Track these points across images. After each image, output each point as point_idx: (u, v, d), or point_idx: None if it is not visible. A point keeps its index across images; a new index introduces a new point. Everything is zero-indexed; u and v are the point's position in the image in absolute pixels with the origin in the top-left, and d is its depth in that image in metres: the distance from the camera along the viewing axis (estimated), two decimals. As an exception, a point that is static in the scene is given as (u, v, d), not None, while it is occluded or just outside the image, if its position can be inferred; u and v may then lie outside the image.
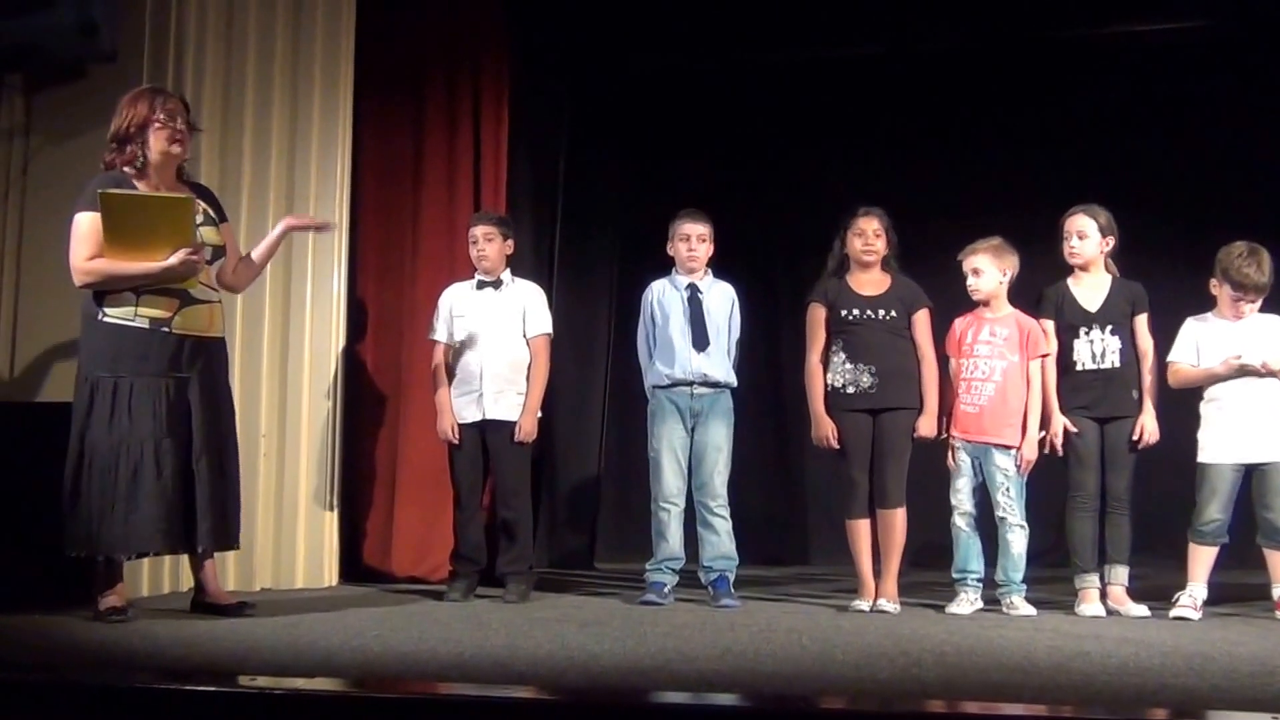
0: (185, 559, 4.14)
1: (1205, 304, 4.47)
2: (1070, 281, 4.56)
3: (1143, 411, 4.42)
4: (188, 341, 3.88)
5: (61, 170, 4.05)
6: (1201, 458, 4.33)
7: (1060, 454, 4.41)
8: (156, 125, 3.88)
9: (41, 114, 4.77)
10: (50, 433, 3.88)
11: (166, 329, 3.83)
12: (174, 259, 3.76)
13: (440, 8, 5.53)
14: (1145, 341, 4.48)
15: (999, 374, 4.43)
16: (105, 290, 3.81)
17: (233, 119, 4.97)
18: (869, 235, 4.52)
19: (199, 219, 3.94)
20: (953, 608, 4.36)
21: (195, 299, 3.90)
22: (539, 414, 4.76)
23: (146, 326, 3.81)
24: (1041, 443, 4.42)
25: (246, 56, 5.02)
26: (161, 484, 3.75)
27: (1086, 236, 4.49)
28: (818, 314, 4.56)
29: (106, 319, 3.81)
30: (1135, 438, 4.38)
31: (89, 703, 2.57)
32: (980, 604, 4.37)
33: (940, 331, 4.58)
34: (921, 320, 4.53)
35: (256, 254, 4.28)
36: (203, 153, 4.82)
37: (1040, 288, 4.60)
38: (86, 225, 3.78)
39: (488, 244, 4.77)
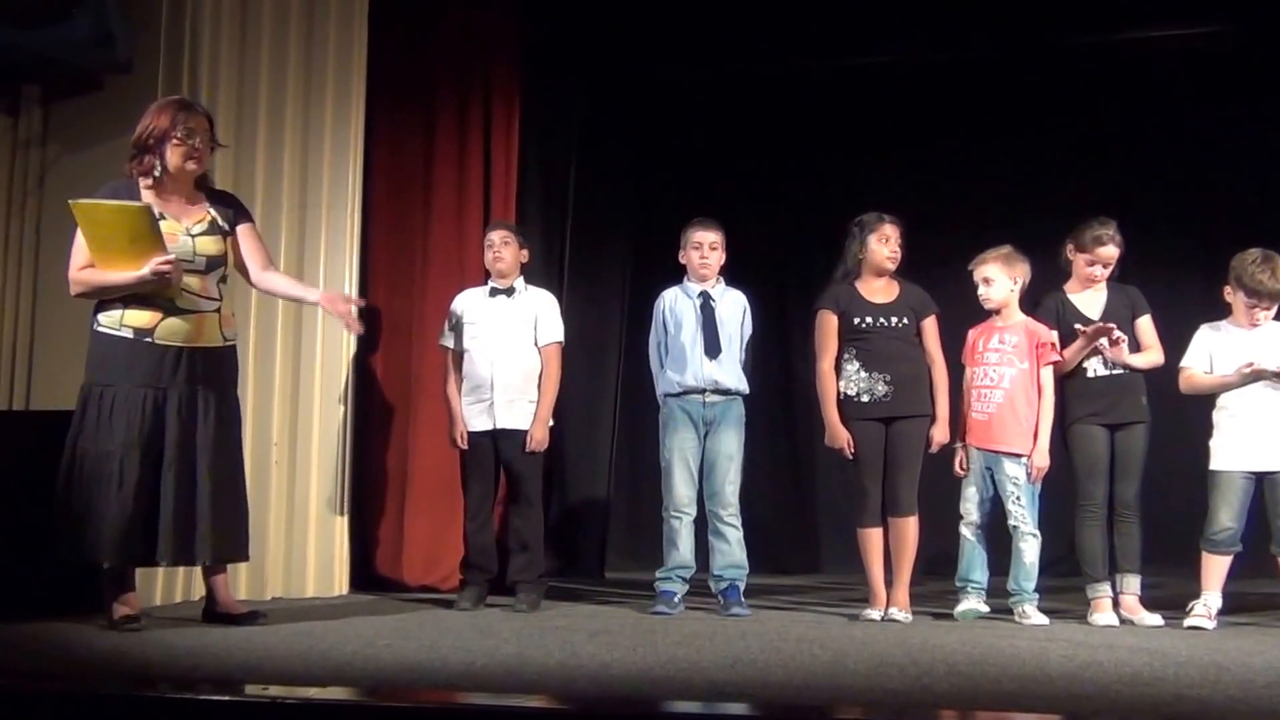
0: (199, 568, 4.15)
1: (1219, 312, 4.46)
2: (1068, 289, 4.57)
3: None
4: (170, 352, 3.85)
5: (78, 180, 4.07)
6: (1213, 465, 4.32)
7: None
8: (174, 140, 3.89)
9: (58, 125, 4.80)
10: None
11: (149, 339, 3.83)
12: (145, 269, 3.75)
13: (452, 17, 5.55)
14: (1152, 341, 4.48)
15: (1007, 381, 4.43)
16: (102, 300, 3.84)
17: (246, 128, 5.00)
18: (893, 242, 4.51)
19: (199, 228, 3.95)
20: (959, 610, 4.38)
21: (180, 309, 3.87)
22: (551, 423, 4.77)
23: (130, 336, 3.83)
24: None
25: (260, 66, 5.04)
26: (130, 497, 3.73)
27: (1109, 266, 4.49)
28: (829, 321, 4.55)
29: (99, 328, 3.85)
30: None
31: (102, 712, 2.58)
32: (980, 605, 4.36)
33: (950, 340, 4.57)
34: (930, 326, 4.53)
35: (289, 288, 4.24)
36: (216, 162, 4.83)
37: (1041, 296, 4.60)
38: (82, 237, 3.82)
39: (504, 248, 4.78)
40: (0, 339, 4.78)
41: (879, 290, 4.55)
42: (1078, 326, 4.43)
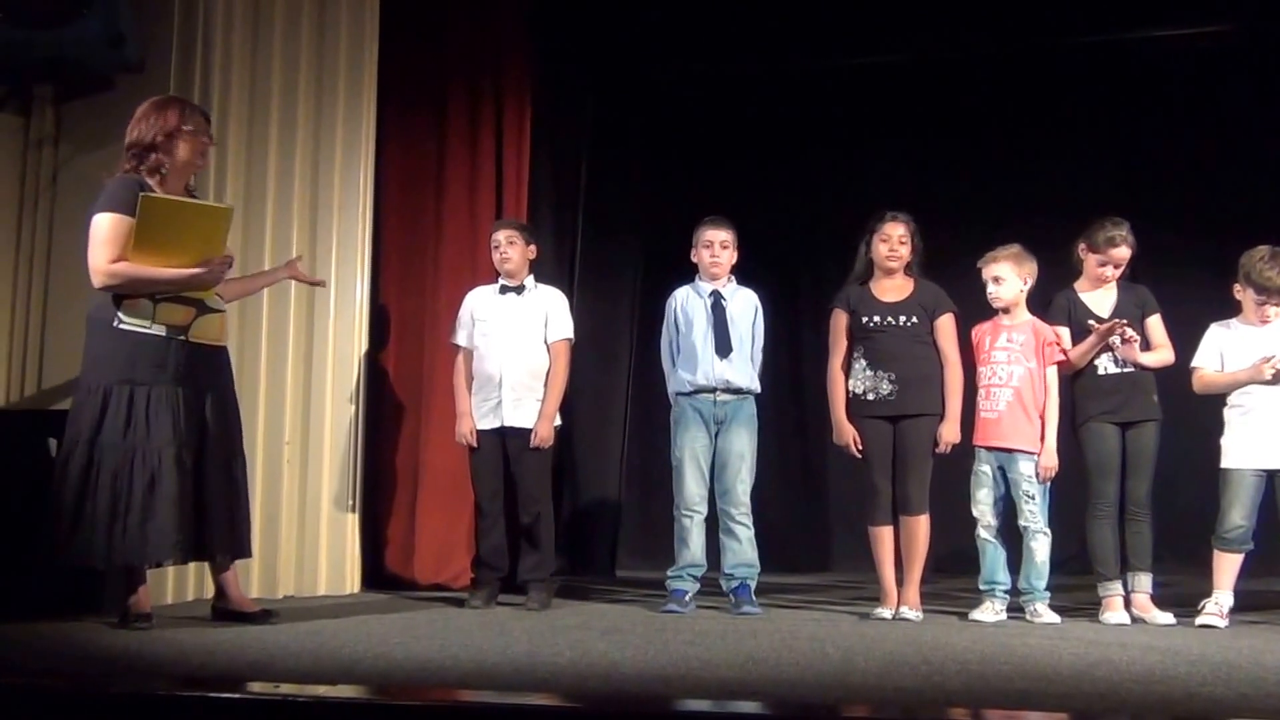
0: (207, 566, 4.16)
1: (1229, 310, 4.45)
2: (1078, 287, 4.57)
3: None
4: (200, 349, 3.88)
5: (90, 179, 4.08)
6: (1224, 463, 4.32)
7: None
8: (187, 133, 3.90)
9: (70, 124, 4.82)
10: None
11: (183, 337, 3.84)
12: (202, 268, 3.77)
13: (463, 17, 5.56)
14: (1162, 340, 4.47)
15: (1016, 379, 4.42)
16: (123, 297, 3.80)
17: (258, 128, 5.01)
18: (894, 241, 4.51)
19: None
20: (976, 614, 4.34)
21: (210, 308, 3.90)
22: (559, 420, 4.77)
23: (163, 334, 3.81)
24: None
25: (271, 66, 5.06)
26: (180, 493, 3.75)
27: (1121, 266, 4.48)
28: (839, 320, 4.57)
29: (123, 325, 3.80)
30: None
31: (113, 710, 2.59)
32: (1004, 615, 4.34)
33: (961, 339, 4.56)
34: (945, 325, 4.51)
35: (250, 283, 4.43)
36: (229, 162, 4.87)
37: (1053, 294, 4.59)
38: (108, 227, 3.75)
39: (510, 247, 4.78)
40: (12, 337, 4.80)
41: (891, 289, 4.54)
42: (1090, 323, 4.42)
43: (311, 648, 3.38)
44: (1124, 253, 4.47)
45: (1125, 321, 4.36)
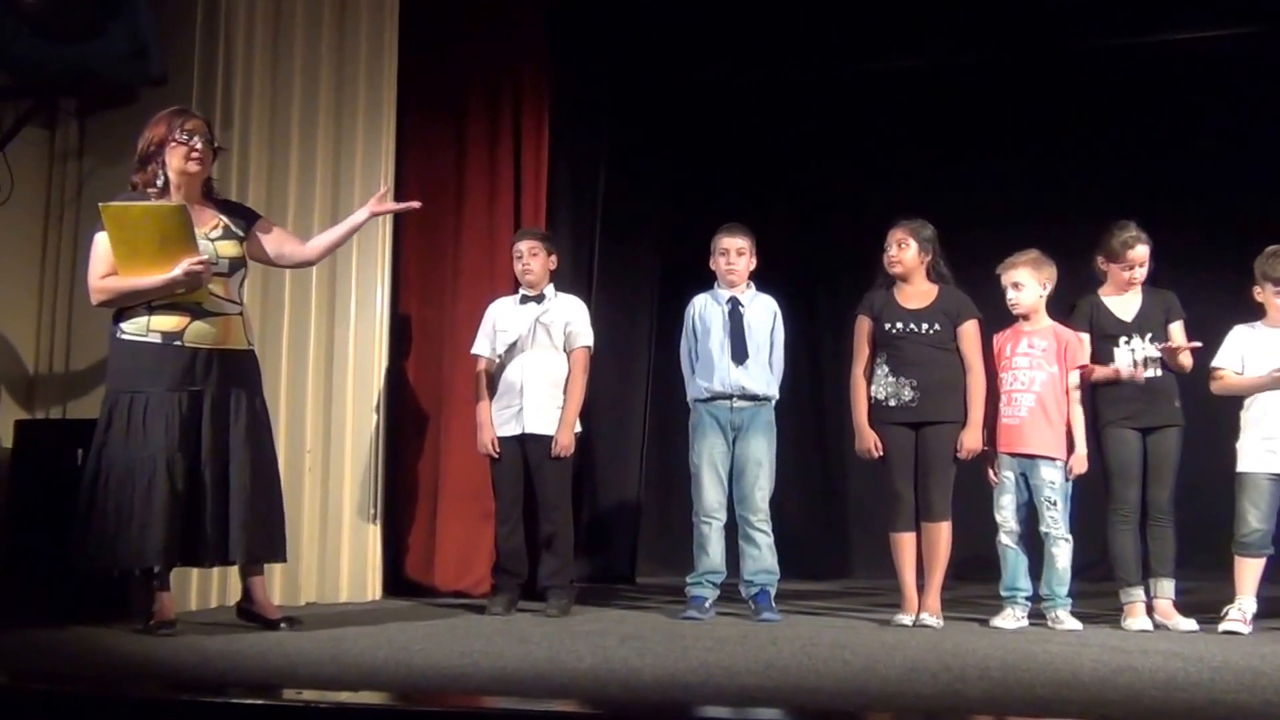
0: (235, 570, 4.19)
1: (1246, 313, 4.44)
2: (1102, 293, 4.55)
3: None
4: (200, 354, 3.89)
5: (114, 192, 4.11)
6: (1239, 467, 4.30)
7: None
8: (173, 143, 3.93)
9: (95, 137, 4.87)
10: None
11: (179, 343, 3.86)
12: (177, 270, 3.78)
13: (481, 26, 5.58)
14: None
15: (1038, 385, 4.40)
16: (124, 307, 3.88)
17: (279, 139, 5.05)
18: (892, 247, 4.53)
19: (216, 233, 3.99)
20: (997, 621, 4.33)
21: (208, 311, 3.91)
22: (578, 428, 4.78)
23: (159, 341, 3.85)
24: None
25: (293, 78, 5.10)
26: (173, 499, 3.76)
27: (1145, 264, 4.46)
28: (863, 326, 4.57)
29: (123, 336, 3.88)
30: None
31: (136, 715, 2.61)
32: (1026, 621, 4.33)
33: (986, 346, 4.54)
34: (969, 332, 4.49)
35: (337, 234, 4.25)
36: (251, 172, 4.90)
37: (1072, 299, 4.58)
38: (102, 245, 3.87)
39: (532, 258, 4.80)
40: (38, 349, 4.85)
41: (915, 295, 4.54)
42: (1121, 370, 4.38)
43: (333, 654, 3.40)
44: (1143, 251, 4.45)
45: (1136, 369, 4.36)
